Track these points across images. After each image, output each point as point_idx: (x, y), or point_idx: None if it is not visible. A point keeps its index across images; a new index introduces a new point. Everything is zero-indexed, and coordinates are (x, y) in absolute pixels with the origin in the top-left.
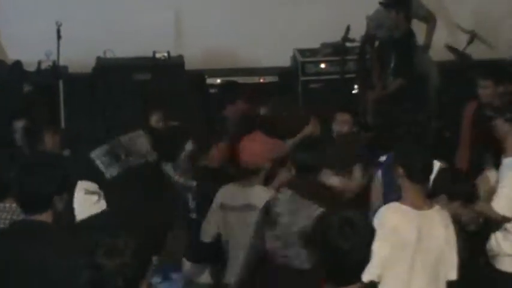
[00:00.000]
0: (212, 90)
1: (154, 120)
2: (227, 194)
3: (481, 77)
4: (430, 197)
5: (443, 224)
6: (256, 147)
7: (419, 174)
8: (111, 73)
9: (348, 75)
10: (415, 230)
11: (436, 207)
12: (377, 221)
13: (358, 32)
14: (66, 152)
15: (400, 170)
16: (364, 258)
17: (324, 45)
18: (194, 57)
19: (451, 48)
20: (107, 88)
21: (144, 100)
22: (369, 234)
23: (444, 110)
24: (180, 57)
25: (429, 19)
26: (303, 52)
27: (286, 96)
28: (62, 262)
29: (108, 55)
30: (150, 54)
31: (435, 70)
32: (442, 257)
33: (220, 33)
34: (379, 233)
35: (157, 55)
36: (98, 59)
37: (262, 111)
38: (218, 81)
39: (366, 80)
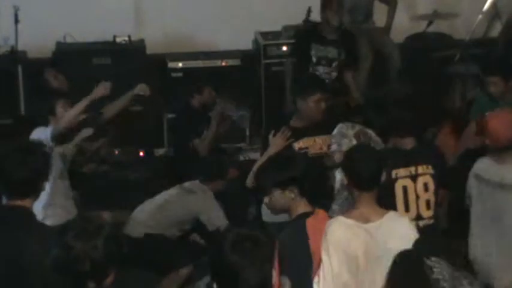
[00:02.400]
0: (174, 74)
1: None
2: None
3: (487, 74)
4: None
5: (400, 235)
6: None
7: (365, 182)
8: (71, 58)
9: None
10: (362, 245)
11: (391, 214)
12: (324, 236)
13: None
14: None
15: (347, 178)
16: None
17: (286, 28)
18: (155, 41)
19: None
20: (67, 73)
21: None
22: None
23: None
24: (141, 41)
25: (390, 1)
26: (264, 35)
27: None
28: (39, 248)
29: (68, 40)
30: (110, 38)
31: (396, 52)
32: None
33: (181, 17)
34: (325, 247)
35: (118, 39)
36: (58, 43)
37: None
38: (180, 65)
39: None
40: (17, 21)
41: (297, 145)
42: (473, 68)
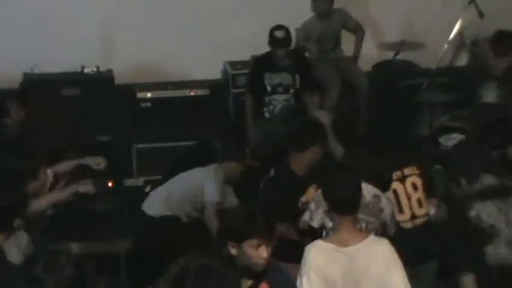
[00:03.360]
0: (143, 105)
1: None
2: None
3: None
4: None
5: (380, 258)
6: None
7: (345, 206)
8: (39, 89)
9: None
10: (341, 269)
11: (371, 238)
12: (302, 261)
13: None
14: None
15: (327, 204)
16: None
17: (254, 57)
18: (124, 71)
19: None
20: (34, 104)
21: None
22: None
23: (374, 120)
24: (110, 72)
25: (357, 30)
26: (233, 64)
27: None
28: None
29: (36, 71)
30: (78, 69)
31: (364, 80)
32: None
33: (150, 47)
34: (304, 272)
35: (86, 70)
36: (25, 74)
37: None
38: (149, 95)
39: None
40: None
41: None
42: (440, 96)
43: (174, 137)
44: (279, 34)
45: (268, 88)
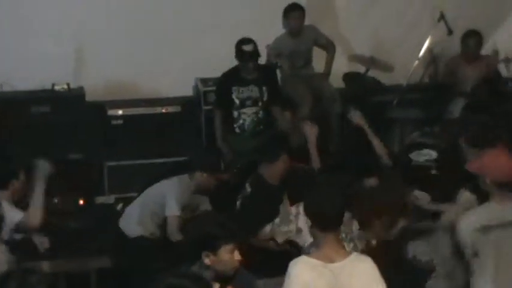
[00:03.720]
0: (114, 122)
1: None
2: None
3: None
4: None
5: (363, 276)
6: None
7: (330, 221)
8: (9, 106)
9: None
10: (326, 286)
11: (354, 255)
12: (287, 279)
13: (259, 60)
14: None
15: (310, 220)
16: None
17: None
18: (95, 88)
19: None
20: (4, 122)
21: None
22: None
23: (347, 136)
24: (81, 89)
25: (329, 47)
26: (204, 81)
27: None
28: None
29: (6, 88)
30: (49, 86)
31: (336, 97)
32: None
33: (121, 64)
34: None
35: (57, 87)
36: None
37: None
38: (120, 112)
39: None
40: None
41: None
42: (410, 112)
43: (145, 154)
44: (247, 48)
45: (237, 102)
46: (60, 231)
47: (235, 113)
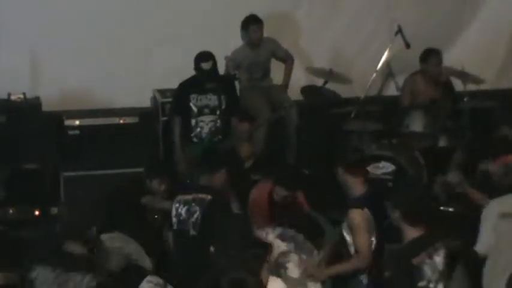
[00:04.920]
0: (71, 132)
1: None
2: None
3: None
4: None
5: None
6: None
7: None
8: None
9: None
10: None
11: None
12: None
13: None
14: None
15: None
16: None
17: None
18: (52, 98)
19: None
20: None
21: None
22: None
23: (304, 149)
24: (37, 99)
25: (287, 59)
26: (162, 92)
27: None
28: None
29: None
30: (5, 96)
31: (294, 109)
32: None
33: (78, 74)
34: None
35: (13, 97)
36: None
37: None
38: (77, 122)
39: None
40: None
41: None
42: (368, 125)
43: (102, 165)
44: (206, 66)
45: (195, 109)
46: (14, 241)
47: (193, 121)
